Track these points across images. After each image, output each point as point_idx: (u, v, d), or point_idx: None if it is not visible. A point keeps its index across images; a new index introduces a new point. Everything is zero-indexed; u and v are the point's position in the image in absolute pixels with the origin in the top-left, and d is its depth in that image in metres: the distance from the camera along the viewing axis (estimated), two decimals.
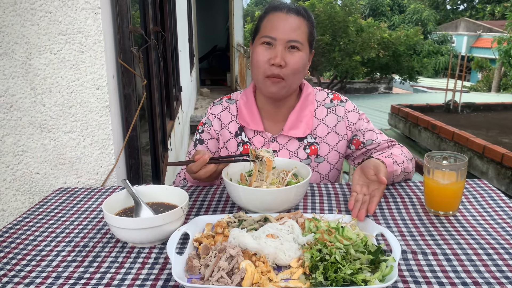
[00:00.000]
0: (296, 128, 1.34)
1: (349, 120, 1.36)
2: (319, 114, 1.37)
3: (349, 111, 1.37)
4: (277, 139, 1.35)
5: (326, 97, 1.39)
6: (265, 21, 1.27)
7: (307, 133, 1.34)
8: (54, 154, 1.35)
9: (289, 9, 1.25)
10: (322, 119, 1.36)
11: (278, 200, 1.05)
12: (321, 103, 1.38)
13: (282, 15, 1.24)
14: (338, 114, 1.37)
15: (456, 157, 1.12)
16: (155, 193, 1.11)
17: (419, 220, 1.07)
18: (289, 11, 1.25)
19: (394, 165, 1.20)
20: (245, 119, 1.36)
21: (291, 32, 1.23)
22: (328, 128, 1.36)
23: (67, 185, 1.39)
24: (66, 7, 1.24)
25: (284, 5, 1.27)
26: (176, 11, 4.33)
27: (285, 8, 1.26)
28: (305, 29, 1.26)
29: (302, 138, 1.35)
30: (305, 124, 1.34)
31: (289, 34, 1.22)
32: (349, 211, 1.12)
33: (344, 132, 1.36)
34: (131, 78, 1.49)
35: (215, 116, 1.41)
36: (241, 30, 10.98)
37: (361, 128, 1.37)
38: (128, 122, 1.49)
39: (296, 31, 1.23)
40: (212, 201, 1.20)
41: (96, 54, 1.29)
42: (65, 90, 1.30)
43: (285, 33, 1.22)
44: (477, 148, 4.40)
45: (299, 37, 1.24)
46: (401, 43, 13.32)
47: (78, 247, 0.96)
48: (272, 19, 1.25)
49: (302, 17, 1.26)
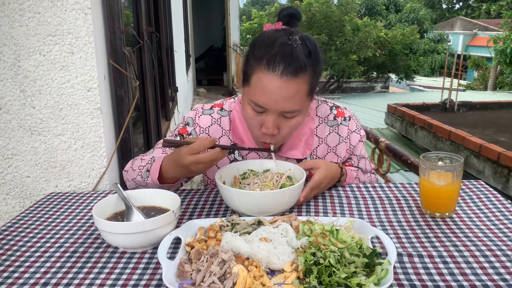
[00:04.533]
0: (295, 148, 1.23)
1: (350, 142, 1.29)
2: (320, 132, 1.26)
3: (352, 131, 1.28)
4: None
5: (329, 113, 1.27)
6: (255, 78, 1.04)
7: (307, 154, 1.24)
8: (45, 157, 1.33)
9: (286, 66, 1.00)
10: (324, 139, 1.27)
11: (272, 203, 1.04)
12: (323, 120, 1.26)
13: (275, 80, 1.00)
14: (341, 135, 1.27)
15: (452, 158, 1.10)
16: (146, 196, 1.09)
17: (415, 222, 1.06)
18: (285, 72, 1.00)
19: (356, 180, 1.29)
20: (240, 136, 1.22)
21: (286, 102, 1.02)
22: (328, 148, 1.28)
23: (58, 189, 1.37)
24: (55, 7, 1.22)
25: (279, 60, 1.00)
26: (172, 11, 4.31)
27: (280, 67, 1.00)
28: (306, 86, 1.04)
29: (301, 159, 1.25)
30: (304, 143, 1.24)
31: (283, 105, 1.03)
32: (344, 214, 1.11)
33: (344, 154, 1.29)
34: (123, 79, 1.46)
35: (202, 129, 1.23)
36: (237, 30, 10.96)
37: (357, 153, 1.32)
38: (121, 124, 1.47)
39: (292, 99, 1.02)
40: (205, 205, 1.18)
41: (86, 55, 1.27)
42: (55, 92, 1.28)
43: (279, 104, 1.02)
44: (473, 147, 4.40)
45: (296, 105, 1.04)
46: (397, 42, 13.33)
47: (68, 253, 0.94)
48: (263, 81, 1.02)
49: (302, 72, 1.02)
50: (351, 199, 1.19)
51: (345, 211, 1.13)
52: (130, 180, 1.22)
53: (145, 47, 1.97)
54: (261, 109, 1.05)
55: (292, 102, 1.03)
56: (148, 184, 1.15)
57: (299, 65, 1.01)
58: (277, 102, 1.02)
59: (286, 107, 1.04)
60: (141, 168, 1.17)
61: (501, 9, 20.43)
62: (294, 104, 1.04)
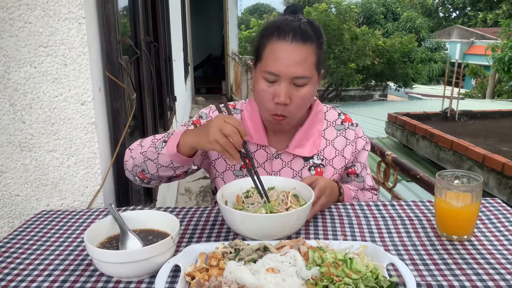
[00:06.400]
0: (302, 147, 1.25)
1: (356, 146, 1.30)
2: (328, 135, 1.29)
3: (358, 136, 1.31)
4: (281, 156, 1.25)
5: (337, 117, 1.31)
6: (268, 50, 1.13)
7: (314, 153, 1.26)
8: (36, 174, 1.26)
9: (295, 35, 1.10)
10: (331, 141, 1.28)
11: (278, 226, 0.97)
12: (331, 124, 1.30)
13: (286, 45, 1.10)
14: (348, 138, 1.29)
15: (470, 177, 1.03)
16: (143, 218, 1.01)
17: (432, 246, 0.99)
18: (295, 39, 1.10)
19: (354, 200, 1.27)
20: (249, 132, 1.24)
21: (296, 67, 1.10)
22: (336, 151, 1.28)
23: (50, 208, 1.29)
24: (48, 17, 1.15)
25: (289, 30, 1.11)
26: (170, 20, 4.26)
27: (290, 35, 1.10)
28: (314, 56, 1.13)
29: (308, 157, 1.26)
30: (311, 143, 1.25)
31: (294, 70, 1.10)
32: (355, 236, 1.03)
33: (350, 157, 1.30)
34: (120, 92, 1.40)
35: None
36: (236, 39, 10.95)
37: (361, 160, 1.32)
38: (117, 138, 1.40)
39: (302, 64, 1.10)
40: (206, 226, 1.11)
41: (80, 67, 1.20)
42: (47, 106, 1.21)
43: (290, 68, 1.09)
44: (476, 157, 4.34)
45: (306, 71, 1.11)
46: (395, 50, 13.37)
47: (58, 282, 0.87)
48: (274, 50, 1.11)
49: (310, 41, 1.11)
50: (361, 219, 1.12)
51: (355, 233, 1.06)
52: (135, 156, 1.14)
53: (143, 57, 1.91)
54: (273, 77, 1.11)
55: (302, 68, 1.10)
56: (160, 156, 1.08)
57: (307, 35, 1.11)
58: (289, 66, 1.09)
59: (297, 72, 1.10)
60: (154, 141, 1.11)
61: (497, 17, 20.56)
62: (304, 70, 1.10)
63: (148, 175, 1.15)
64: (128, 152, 1.19)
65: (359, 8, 21.49)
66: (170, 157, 1.06)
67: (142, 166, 1.14)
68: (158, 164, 1.10)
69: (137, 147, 1.15)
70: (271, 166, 1.26)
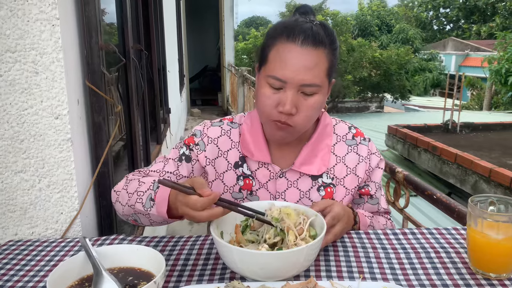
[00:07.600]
0: (310, 164, 1.10)
1: (370, 163, 1.15)
2: (338, 151, 1.14)
3: (372, 153, 1.16)
4: (286, 175, 1.10)
5: (347, 131, 1.17)
6: (274, 52, 0.99)
7: (323, 171, 1.11)
8: (1, 199, 1.09)
9: (306, 37, 0.96)
10: (342, 158, 1.13)
11: (285, 265, 0.80)
12: (341, 138, 1.16)
13: (296, 48, 0.96)
14: (360, 154, 1.15)
15: (507, 202, 0.88)
16: (123, 254, 0.86)
17: (466, 286, 0.83)
18: (305, 42, 0.96)
19: (369, 228, 1.12)
20: (249, 148, 1.11)
21: (305, 73, 0.96)
22: (348, 169, 1.13)
23: (18, 237, 1.12)
24: (16, 17, 1.00)
25: (299, 31, 0.97)
26: (164, 30, 4.13)
27: (300, 37, 0.96)
28: (325, 62, 0.99)
29: (316, 176, 1.11)
30: (320, 159, 1.11)
31: (303, 76, 0.96)
32: (375, 274, 0.87)
33: (363, 176, 1.14)
34: (102, 104, 1.24)
35: (211, 140, 1.14)
36: (232, 50, 10.88)
37: (376, 180, 1.17)
38: (98, 156, 1.24)
39: (312, 70, 0.97)
40: (197, 261, 0.94)
41: (54, 76, 1.05)
42: (14, 121, 1.05)
43: (298, 74, 0.96)
44: (482, 171, 4.19)
45: (316, 78, 0.97)
46: (392, 62, 13.38)
47: None
48: (282, 52, 0.98)
49: (322, 46, 0.98)
50: (379, 253, 0.96)
51: (374, 270, 0.90)
52: (123, 204, 1.01)
53: (132, 66, 1.76)
54: (279, 83, 0.98)
55: (312, 74, 0.97)
56: (151, 215, 0.95)
57: (319, 39, 0.98)
58: (297, 72, 0.96)
59: (306, 79, 0.97)
60: (140, 193, 0.97)
61: (491, 30, 20.71)
62: (314, 77, 0.97)
63: (142, 224, 1.04)
64: (114, 195, 1.06)
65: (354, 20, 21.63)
66: (162, 217, 0.93)
67: (133, 217, 1.02)
68: (151, 219, 0.98)
69: (124, 194, 1.02)
70: (275, 187, 1.10)
